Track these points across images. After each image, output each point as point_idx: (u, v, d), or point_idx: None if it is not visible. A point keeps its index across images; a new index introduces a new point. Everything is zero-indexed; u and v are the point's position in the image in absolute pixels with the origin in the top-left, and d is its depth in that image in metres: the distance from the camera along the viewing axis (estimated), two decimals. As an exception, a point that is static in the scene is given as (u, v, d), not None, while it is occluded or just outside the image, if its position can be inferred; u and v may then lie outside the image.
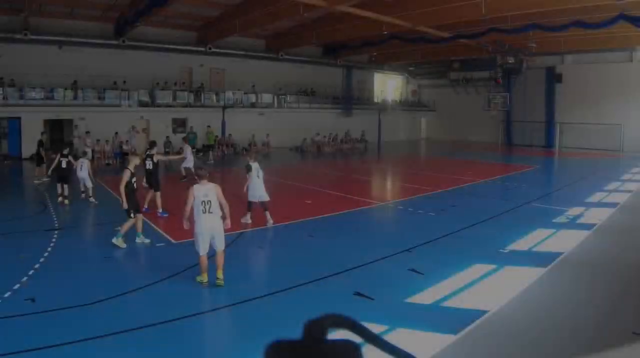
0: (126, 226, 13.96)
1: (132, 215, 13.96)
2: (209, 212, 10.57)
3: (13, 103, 36.07)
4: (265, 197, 16.43)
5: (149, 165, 18.74)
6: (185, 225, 11.01)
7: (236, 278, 11.24)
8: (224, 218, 10.92)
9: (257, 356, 0.91)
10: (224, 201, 10.85)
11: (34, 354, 7.55)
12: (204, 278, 10.77)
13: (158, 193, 18.36)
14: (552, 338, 8.37)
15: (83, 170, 20.34)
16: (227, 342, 8.61)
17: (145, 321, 8.76)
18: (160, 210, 18.25)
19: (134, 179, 14.12)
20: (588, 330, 8.76)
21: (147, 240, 14.25)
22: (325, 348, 0.93)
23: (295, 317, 8.59)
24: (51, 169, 21.33)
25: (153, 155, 18.99)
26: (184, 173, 25.00)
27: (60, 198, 20.29)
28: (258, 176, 16.40)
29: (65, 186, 20.35)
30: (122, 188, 13.79)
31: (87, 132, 34.12)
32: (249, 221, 16.58)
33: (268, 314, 9.52)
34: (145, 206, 17.95)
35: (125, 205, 13.81)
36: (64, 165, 20.58)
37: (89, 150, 31.86)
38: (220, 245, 10.77)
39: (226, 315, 9.58)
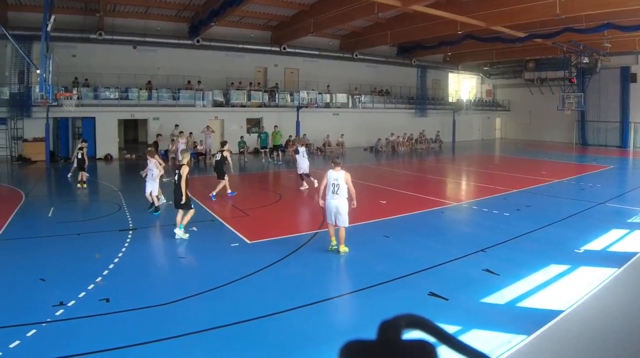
0: (188, 217, 15.01)
1: (191, 206, 15.18)
2: (336, 193, 12.87)
3: (87, 103, 36.94)
4: (307, 171, 23.88)
5: (218, 156, 22.17)
6: (320, 203, 13.38)
7: (311, 278, 11.44)
8: (350, 199, 13.06)
9: (332, 356, 1.03)
10: (351, 186, 12.99)
11: (109, 354, 7.65)
12: (333, 242, 13.37)
13: (224, 180, 21.64)
14: (626, 338, 8.33)
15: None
16: (302, 343, 8.43)
17: (219, 322, 8.87)
18: (229, 191, 21.97)
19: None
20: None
21: (187, 235, 14.88)
22: (400, 348, 0.96)
23: (370, 317, 8.80)
24: (72, 159, 25.79)
25: (223, 150, 22.18)
26: (154, 201, 19.14)
27: (79, 184, 24.15)
28: (304, 156, 23.85)
29: (83, 173, 24.25)
30: (183, 183, 14.75)
31: (181, 132, 34.07)
32: (307, 186, 23.60)
33: (343, 314, 9.71)
34: (213, 193, 21.30)
35: (184, 199, 14.79)
36: (79, 156, 24.32)
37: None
38: (341, 223, 12.96)
39: (300, 316, 9.37)
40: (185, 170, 14.82)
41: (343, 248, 13.09)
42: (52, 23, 24.43)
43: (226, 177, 21.79)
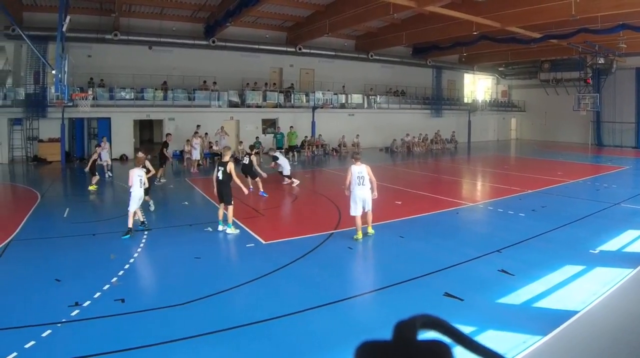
0: (230, 213, 15.69)
1: (232, 201, 15.73)
2: (362, 184, 14.34)
3: (103, 103, 37.08)
4: (289, 172, 25.43)
5: (246, 161, 23.13)
6: (346, 193, 14.89)
7: (327, 279, 11.43)
8: (372, 190, 14.57)
9: (347, 356, 1.03)
10: (373, 178, 14.57)
11: (124, 355, 7.64)
12: (359, 235, 14.48)
13: (257, 180, 22.97)
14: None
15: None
16: (317, 343, 8.39)
17: (235, 322, 8.83)
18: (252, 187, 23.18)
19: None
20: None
21: (237, 231, 15.77)
22: (415, 348, 0.94)
23: (385, 317, 8.77)
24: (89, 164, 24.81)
25: (251, 154, 23.58)
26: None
27: (90, 187, 23.91)
28: (286, 158, 26.50)
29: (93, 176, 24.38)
30: (235, 176, 15.70)
31: (196, 133, 33.95)
32: (289, 182, 25.45)
33: (358, 314, 9.65)
34: (251, 187, 22.99)
35: (246, 191, 16.88)
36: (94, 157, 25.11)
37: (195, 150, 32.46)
38: (368, 207, 14.54)
39: (316, 316, 9.33)
40: (231, 166, 15.51)
41: (370, 230, 14.97)
42: (68, 23, 24.52)
43: (258, 177, 22.95)
